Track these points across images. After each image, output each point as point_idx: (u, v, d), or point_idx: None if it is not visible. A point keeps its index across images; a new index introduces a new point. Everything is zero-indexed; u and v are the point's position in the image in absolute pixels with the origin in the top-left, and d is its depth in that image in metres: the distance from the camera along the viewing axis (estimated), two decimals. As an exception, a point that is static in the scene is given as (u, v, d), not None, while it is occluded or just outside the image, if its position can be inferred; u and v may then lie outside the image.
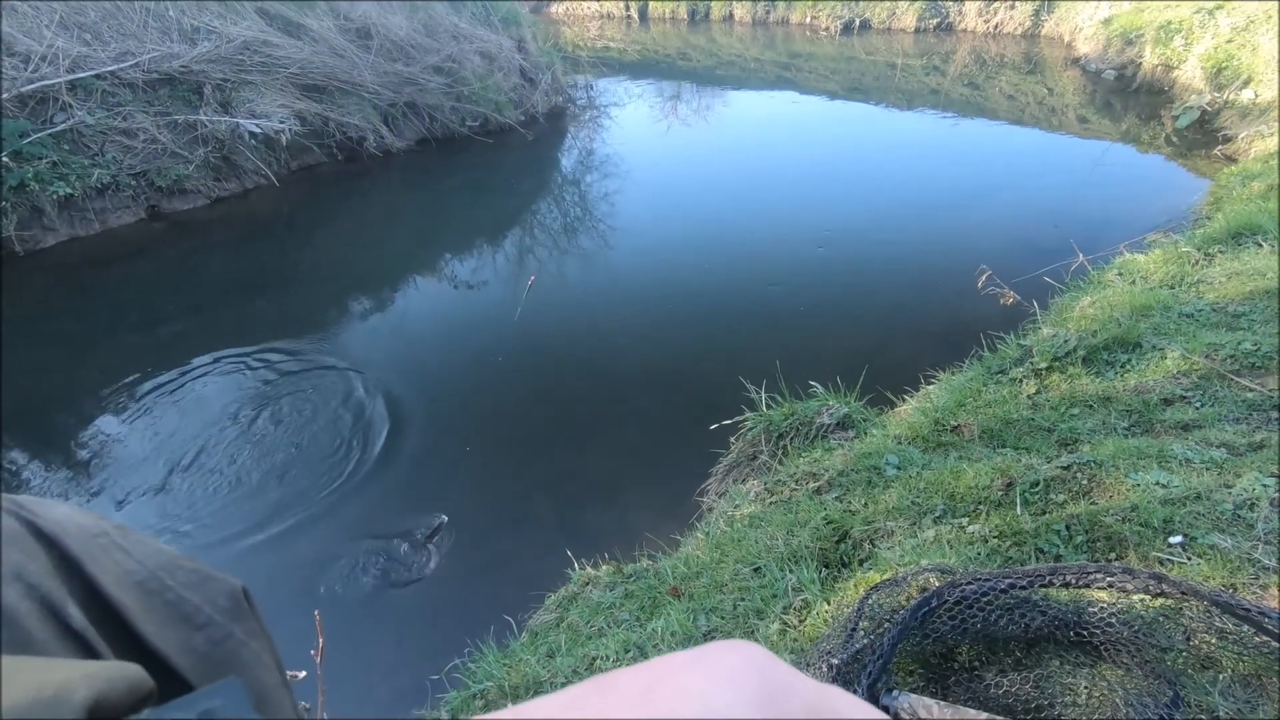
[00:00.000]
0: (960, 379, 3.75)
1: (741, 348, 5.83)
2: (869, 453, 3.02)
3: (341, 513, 4.39)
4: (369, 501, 4.48)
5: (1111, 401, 2.84)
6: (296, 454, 4.93)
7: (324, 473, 4.74)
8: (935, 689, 1.66)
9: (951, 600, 1.69)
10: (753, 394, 4.14)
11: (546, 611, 3.08)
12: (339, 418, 5.27)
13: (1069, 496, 2.23)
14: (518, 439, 5.04)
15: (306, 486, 4.63)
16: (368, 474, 4.71)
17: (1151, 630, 1.64)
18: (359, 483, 4.64)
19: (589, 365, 5.94)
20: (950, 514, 2.39)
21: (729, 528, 3.01)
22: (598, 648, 2.29)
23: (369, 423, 5.21)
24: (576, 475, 4.72)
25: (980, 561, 2.06)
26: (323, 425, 5.19)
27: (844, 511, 2.65)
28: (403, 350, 6.23)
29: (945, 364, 4.39)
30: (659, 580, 2.81)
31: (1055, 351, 3.25)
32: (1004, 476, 2.43)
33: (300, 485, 4.65)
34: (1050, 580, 1.69)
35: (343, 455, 4.90)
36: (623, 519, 4.30)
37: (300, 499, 4.52)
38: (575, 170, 11.40)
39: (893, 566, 2.09)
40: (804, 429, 3.71)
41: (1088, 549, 1.98)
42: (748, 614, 2.24)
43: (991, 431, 2.90)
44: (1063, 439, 2.71)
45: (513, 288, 7.49)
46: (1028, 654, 1.70)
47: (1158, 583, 1.58)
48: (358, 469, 4.76)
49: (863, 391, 4.02)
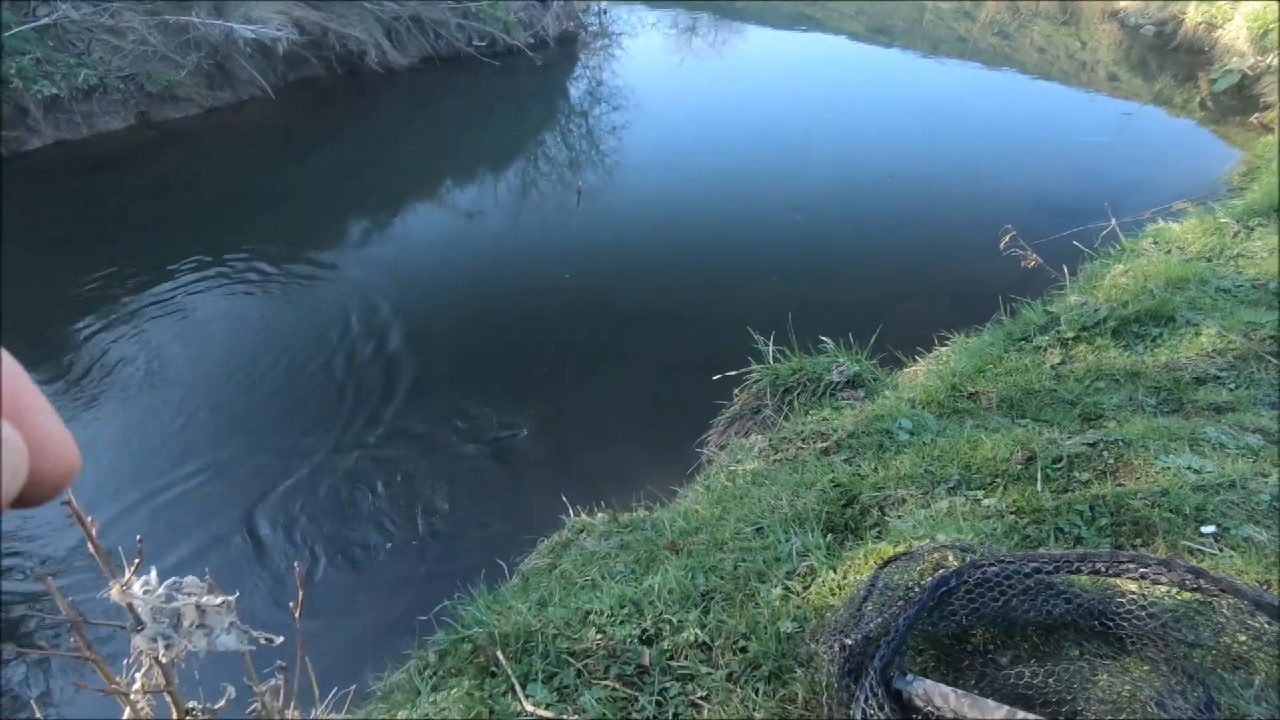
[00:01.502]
0: (978, 343, 3.62)
1: (750, 296, 5.67)
2: (881, 415, 2.91)
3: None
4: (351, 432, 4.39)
5: (1140, 377, 2.72)
6: (276, 377, 4.81)
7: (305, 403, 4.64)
8: (947, 672, 1.59)
9: (971, 581, 1.60)
10: (759, 345, 4.01)
11: (539, 556, 3.03)
12: (324, 337, 5.13)
13: (1094, 475, 2.13)
14: (513, 374, 4.92)
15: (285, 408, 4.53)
16: (352, 408, 4.61)
17: (1179, 624, 1.56)
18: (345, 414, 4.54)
19: (588, 303, 5.78)
20: (965, 485, 2.29)
21: (730, 483, 2.92)
22: (592, 600, 2.22)
23: (362, 352, 5.07)
24: (573, 415, 4.63)
25: (996, 538, 1.97)
26: (307, 348, 5.05)
27: (853, 475, 2.56)
28: (398, 277, 6.04)
29: (960, 325, 4.25)
30: (656, 533, 2.74)
31: (1084, 321, 3.11)
32: (1025, 449, 2.32)
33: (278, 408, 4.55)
34: (1078, 567, 1.60)
35: (329, 391, 4.78)
36: (619, 463, 4.23)
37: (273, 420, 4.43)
38: (584, 101, 10.94)
39: (906, 539, 2.00)
40: (812, 385, 3.59)
41: (1112, 533, 1.88)
42: (749, 576, 2.16)
43: (1011, 400, 2.79)
44: (1086, 413, 2.60)
45: (514, 219, 7.25)
46: (1046, 641, 1.62)
47: (1195, 577, 1.49)
48: (349, 405, 4.65)
49: (874, 350, 3.88)
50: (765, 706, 1.68)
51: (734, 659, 1.85)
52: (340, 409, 4.53)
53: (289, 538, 3.71)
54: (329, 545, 3.69)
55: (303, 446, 4.24)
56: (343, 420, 4.44)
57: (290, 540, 3.70)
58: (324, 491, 3.96)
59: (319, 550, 3.66)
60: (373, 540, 3.73)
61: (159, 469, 4.09)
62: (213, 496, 3.93)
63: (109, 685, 1.23)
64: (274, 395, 4.68)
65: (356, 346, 5.08)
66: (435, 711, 2.02)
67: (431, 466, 4.17)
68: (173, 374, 4.85)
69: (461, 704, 1.98)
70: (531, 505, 3.88)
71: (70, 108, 7.96)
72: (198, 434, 4.35)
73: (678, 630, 1.99)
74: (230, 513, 3.82)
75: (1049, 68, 12.79)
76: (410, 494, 3.99)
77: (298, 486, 3.98)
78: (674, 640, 1.95)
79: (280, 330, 5.33)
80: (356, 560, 3.63)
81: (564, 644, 2.03)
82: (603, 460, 4.29)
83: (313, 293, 5.77)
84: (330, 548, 3.68)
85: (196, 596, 1.24)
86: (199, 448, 4.24)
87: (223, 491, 3.95)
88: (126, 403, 4.63)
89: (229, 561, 3.57)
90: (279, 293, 5.76)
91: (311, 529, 3.76)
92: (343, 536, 3.75)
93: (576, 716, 1.81)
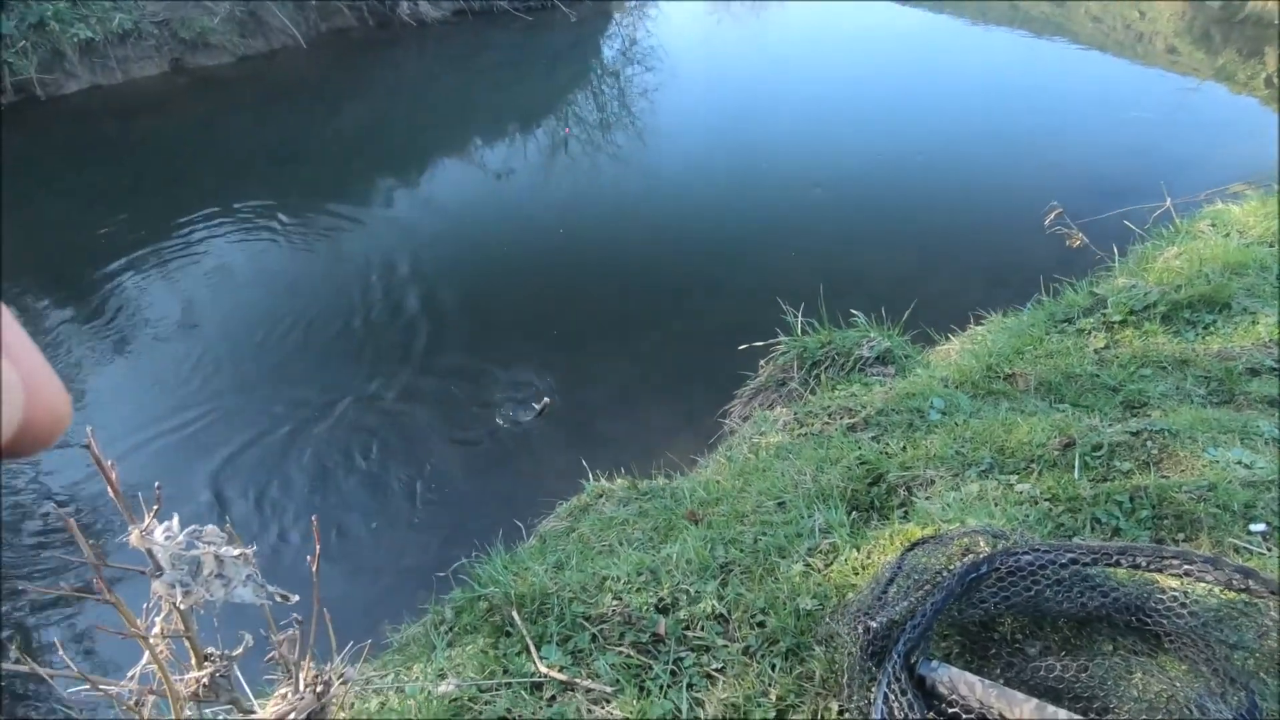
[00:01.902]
0: (1017, 323, 3.49)
1: (781, 266, 5.54)
2: (912, 393, 2.83)
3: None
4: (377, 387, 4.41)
5: (1189, 365, 2.60)
6: (301, 327, 4.83)
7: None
8: (972, 659, 1.55)
9: (1004, 569, 1.54)
10: (788, 316, 3.92)
11: (557, 519, 3.02)
12: (345, 293, 5.12)
13: (1135, 465, 2.05)
14: (537, 336, 4.89)
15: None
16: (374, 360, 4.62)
17: (1221, 625, 1.49)
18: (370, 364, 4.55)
19: (615, 267, 5.70)
20: (998, 469, 2.22)
21: (753, 455, 2.88)
22: (609, 566, 2.21)
23: (383, 309, 5.06)
24: (595, 379, 4.59)
25: (1029, 525, 1.91)
26: (331, 298, 5.06)
27: (880, 453, 2.49)
28: (423, 234, 6.01)
29: (998, 304, 4.11)
30: (675, 502, 2.71)
31: (1132, 304, 2.97)
32: (1063, 435, 2.24)
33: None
34: (1118, 560, 1.53)
35: (350, 334, 4.79)
36: (641, 430, 4.20)
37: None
38: (616, 60, 10.70)
39: (934, 521, 1.94)
40: (840, 360, 3.51)
41: (1153, 525, 1.81)
42: (769, 550, 2.12)
43: (1050, 384, 2.69)
44: (1129, 400, 2.50)
45: (544, 180, 7.15)
46: (1078, 634, 1.56)
47: (1244, 578, 1.42)
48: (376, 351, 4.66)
49: (907, 326, 3.78)
50: (782, 682, 1.65)
51: (751, 633, 1.82)
52: (360, 364, 4.55)
53: (307, 490, 3.75)
54: (347, 500, 3.73)
55: (322, 402, 4.26)
56: (363, 376, 4.46)
57: (309, 493, 3.74)
58: (342, 446, 3.99)
59: (337, 504, 3.70)
60: (391, 496, 3.76)
61: (177, 413, 4.14)
62: (233, 446, 3.98)
63: (129, 628, 1.23)
64: (293, 349, 4.71)
65: (377, 304, 5.09)
66: (450, 666, 2.03)
67: (451, 425, 4.17)
68: (196, 321, 4.90)
69: (476, 661, 1.99)
70: (551, 468, 3.88)
71: (105, 52, 7.97)
72: (218, 381, 4.40)
73: (695, 601, 1.96)
74: (249, 464, 3.88)
75: (1104, 39, 12.21)
76: (429, 452, 4.01)
77: (318, 440, 4.01)
78: (690, 611, 1.93)
79: (302, 284, 5.34)
80: (374, 516, 3.67)
81: (579, 608, 2.02)
82: (624, 426, 4.26)
83: (337, 247, 5.76)
84: (347, 502, 3.72)
85: (216, 546, 1.23)
86: (218, 395, 4.29)
87: (242, 441, 4.00)
88: (151, 347, 4.69)
89: (246, 514, 3.62)
90: (303, 245, 5.77)
91: (329, 483, 3.80)
92: (361, 492, 3.78)
93: (590, 681, 1.81)
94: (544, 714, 1.75)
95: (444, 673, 2.00)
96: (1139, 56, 11.62)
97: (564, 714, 1.73)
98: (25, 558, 3.36)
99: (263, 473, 3.82)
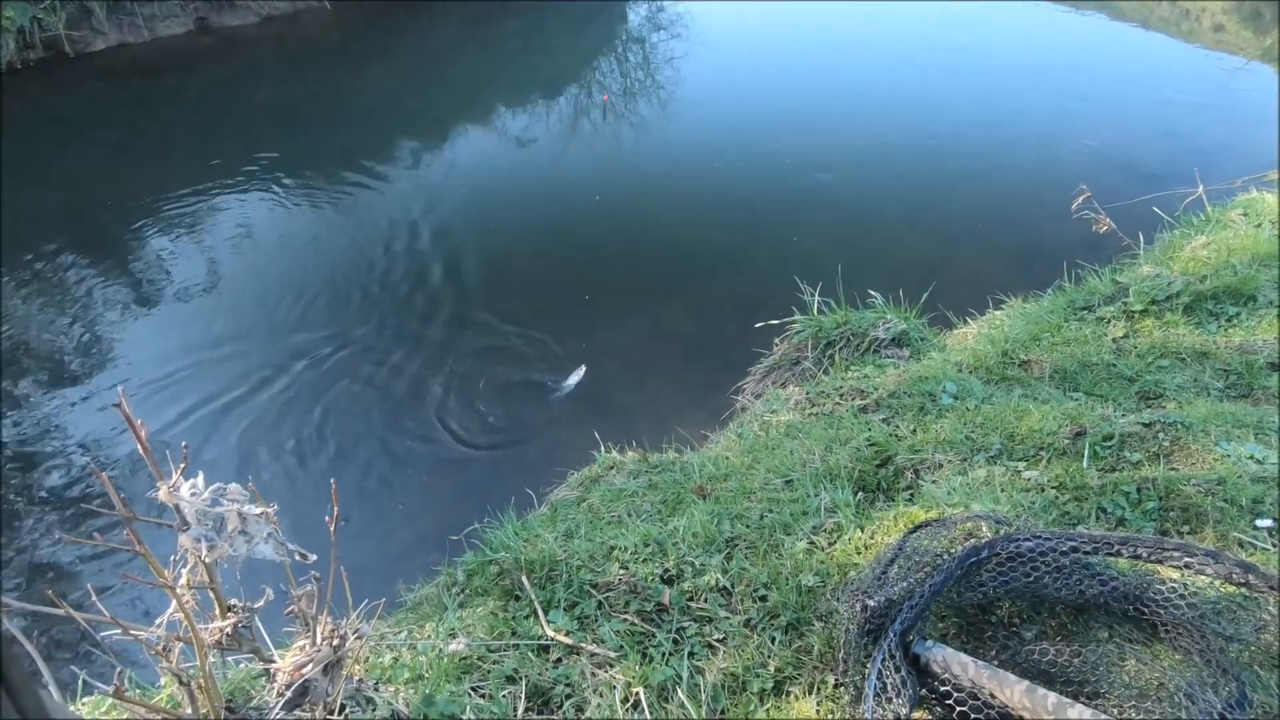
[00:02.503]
0: (1035, 309, 3.46)
1: (800, 242, 5.50)
2: (925, 376, 2.83)
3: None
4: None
5: (1208, 357, 2.57)
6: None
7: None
8: (968, 641, 1.58)
9: (1004, 555, 1.56)
10: (805, 295, 3.91)
11: (568, 488, 3.08)
12: (365, 256, 5.17)
13: (1145, 457, 2.04)
14: (553, 308, 4.91)
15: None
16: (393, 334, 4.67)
17: (1219, 617, 1.51)
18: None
19: (634, 238, 5.68)
20: (1007, 455, 2.23)
21: (764, 433, 2.90)
22: (617, 536, 2.26)
23: (401, 275, 5.10)
24: (611, 351, 4.62)
25: (1034, 512, 1.92)
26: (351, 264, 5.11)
27: (889, 435, 2.51)
28: (444, 201, 6.02)
29: (1018, 289, 4.07)
30: (685, 476, 2.75)
31: (1155, 294, 2.93)
32: (1074, 424, 2.23)
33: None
34: (1119, 550, 1.55)
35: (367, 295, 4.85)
36: (653, 404, 4.23)
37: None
38: (643, 27, 10.53)
39: (939, 505, 1.96)
40: (855, 340, 3.51)
41: (1158, 517, 1.82)
42: (774, 527, 2.16)
43: (1065, 372, 2.67)
44: (1145, 391, 2.48)
45: (564, 148, 7.11)
46: (1075, 620, 1.59)
47: (1244, 572, 1.43)
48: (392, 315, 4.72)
49: (925, 308, 3.75)
50: (781, 655, 1.70)
51: (753, 606, 1.87)
52: (381, 329, 4.61)
53: (326, 455, 3.84)
54: (366, 462, 3.82)
55: (339, 364, 4.34)
56: (383, 342, 4.52)
57: (328, 455, 3.83)
58: (360, 411, 4.08)
59: (355, 467, 3.79)
60: (407, 459, 3.84)
61: (204, 372, 4.24)
62: (255, 405, 4.07)
63: (158, 578, 1.30)
64: (311, 313, 4.77)
65: (395, 269, 5.13)
66: (461, 626, 2.10)
67: (466, 392, 4.23)
68: (220, 279, 4.99)
69: (486, 622, 2.06)
70: (564, 438, 3.93)
71: (133, 10, 7.99)
72: (245, 342, 4.49)
73: (699, 573, 2.01)
74: (269, 426, 3.98)
75: (1147, 14, 11.79)
76: (445, 416, 4.08)
77: (332, 406, 4.09)
78: (695, 582, 1.98)
79: (325, 245, 5.40)
80: (390, 480, 3.75)
81: (587, 575, 2.07)
82: (637, 399, 4.29)
83: (359, 211, 5.80)
84: (366, 465, 3.80)
85: (239, 504, 1.29)
86: (244, 355, 4.38)
87: (262, 401, 4.10)
88: (177, 305, 4.79)
89: (272, 477, 3.72)
90: (328, 207, 5.82)
91: (348, 446, 3.89)
92: (378, 455, 3.86)
93: (595, 645, 1.86)
94: (550, 674, 1.82)
95: (454, 632, 2.07)
96: (1184, 34, 11.21)
97: (569, 675, 1.79)
98: (48, 509, 3.50)
99: (287, 432, 3.92)
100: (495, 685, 1.77)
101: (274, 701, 1.34)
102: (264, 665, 1.42)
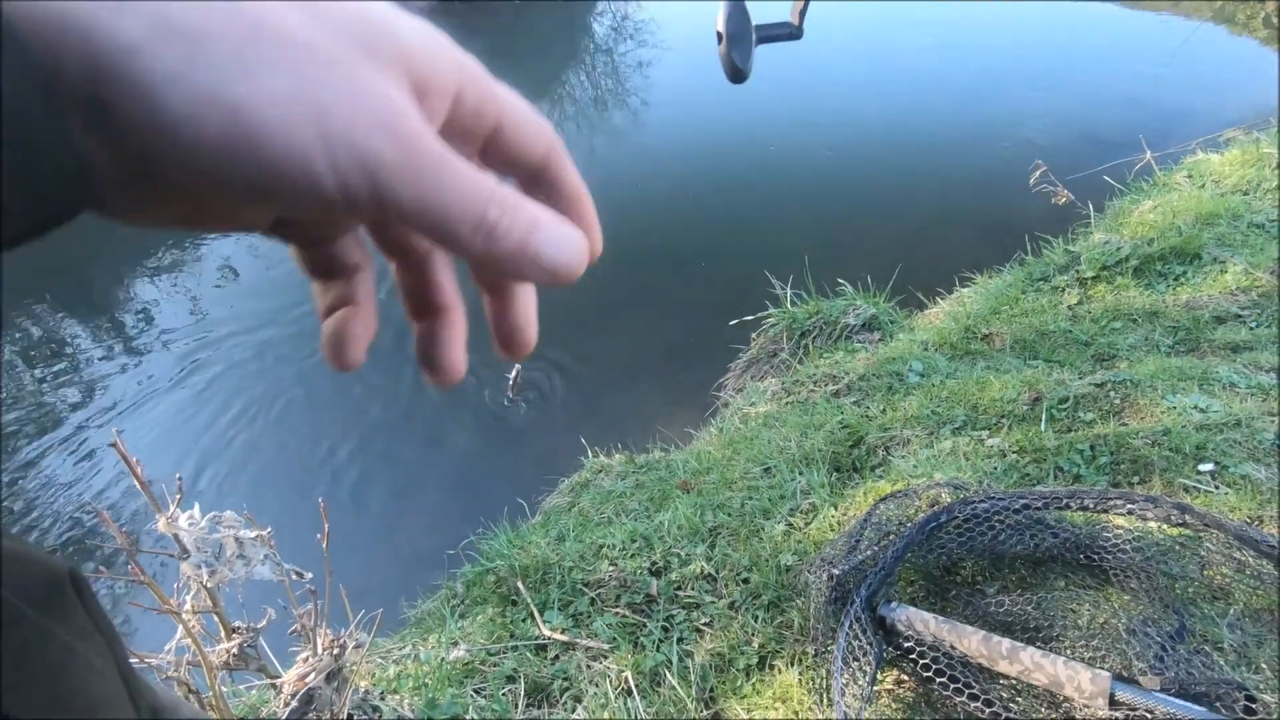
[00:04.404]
0: (998, 284, 3.57)
1: (771, 238, 5.61)
2: (893, 357, 2.93)
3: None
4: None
5: (1159, 316, 2.68)
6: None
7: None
8: (935, 601, 1.67)
9: (961, 517, 1.66)
10: (777, 290, 4.02)
11: (560, 495, 3.17)
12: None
13: (1098, 415, 2.15)
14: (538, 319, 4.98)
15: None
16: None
17: (1165, 558, 1.61)
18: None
19: (609, 244, 5.76)
20: (971, 426, 2.33)
21: (743, 425, 3.00)
22: (605, 536, 2.35)
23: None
24: (594, 358, 4.70)
25: (996, 476, 2.02)
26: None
27: (861, 416, 2.61)
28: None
29: (985, 265, 4.18)
30: (670, 473, 2.84)
31: (1105, 260, 3.04)
32: (1032, 390, 2.34)
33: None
34: (1067, 503, 1.65)
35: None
36: (639, 406, 4.32)
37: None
38: (609, 37, 10.67)
39: (905, 477, 2.06)
40: (828, 328, 3.61)
41: (1110, 471, 1.92)
42: (754, 513, 2.25)
43: (1024, 342, 2.78)
44: (1100, 354, 2.59)
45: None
46: (1033, 573, 1.68)
47: (1180, 513, 1.53)
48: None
49: (894, 291, 3.86)
50: (764, 632, 1.79)
51: (737, 589, 1.96)
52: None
53: (327, 478, 3.92)
54: (360, 484, 3.90)
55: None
56: (368, 365, 4.60)
57: (327, 478, 3.91)
58: (351, 433, 4.16)
59: (350, 491, 3.87)
60: (402, 479, 3.92)
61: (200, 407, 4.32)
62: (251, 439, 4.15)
63: (163, 605, 1.38)
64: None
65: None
66: (462, 635, 2.19)
67: (458, 410, 4.32)
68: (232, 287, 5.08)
69: (485, 629, 2.14)
70: (554, 447, 4.01)
71: None
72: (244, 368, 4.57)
73: (685, 563, 2.10)
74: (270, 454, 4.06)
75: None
76: (439, 437, 4.16)
77: (328, 426, 4.18)
78: (681, 572, 2.07)
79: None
80: (386, 501, 3.83)
81: (579, 575, 2.16)
82: (623, 403, 4.38)
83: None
84: (360, 488, 3.88)
85: (235, 530, 1.38)
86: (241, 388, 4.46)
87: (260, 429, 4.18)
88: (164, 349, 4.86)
89: (271, 500, 3.80)
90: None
91: (344, 469, 3.97)
92: (375, 475, 3.95)
93: (589, 640, 1.95)
94: (548, 671, 1.90)
95: (456, 641, 2.15)
96: (1136, 1, 11.39)
97: (566, 670, 1.88)
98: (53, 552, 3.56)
99: (285, 460, 4.00)
100: (496, 685, 1.85)
101: (281, 712, 1.42)
102: (270, 680, 1.51)
